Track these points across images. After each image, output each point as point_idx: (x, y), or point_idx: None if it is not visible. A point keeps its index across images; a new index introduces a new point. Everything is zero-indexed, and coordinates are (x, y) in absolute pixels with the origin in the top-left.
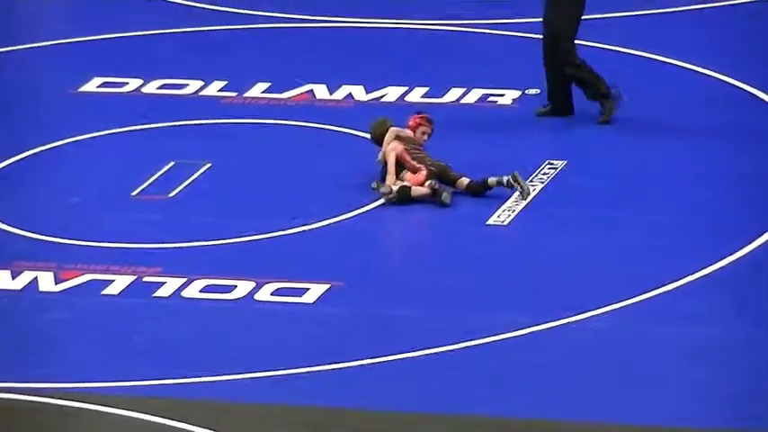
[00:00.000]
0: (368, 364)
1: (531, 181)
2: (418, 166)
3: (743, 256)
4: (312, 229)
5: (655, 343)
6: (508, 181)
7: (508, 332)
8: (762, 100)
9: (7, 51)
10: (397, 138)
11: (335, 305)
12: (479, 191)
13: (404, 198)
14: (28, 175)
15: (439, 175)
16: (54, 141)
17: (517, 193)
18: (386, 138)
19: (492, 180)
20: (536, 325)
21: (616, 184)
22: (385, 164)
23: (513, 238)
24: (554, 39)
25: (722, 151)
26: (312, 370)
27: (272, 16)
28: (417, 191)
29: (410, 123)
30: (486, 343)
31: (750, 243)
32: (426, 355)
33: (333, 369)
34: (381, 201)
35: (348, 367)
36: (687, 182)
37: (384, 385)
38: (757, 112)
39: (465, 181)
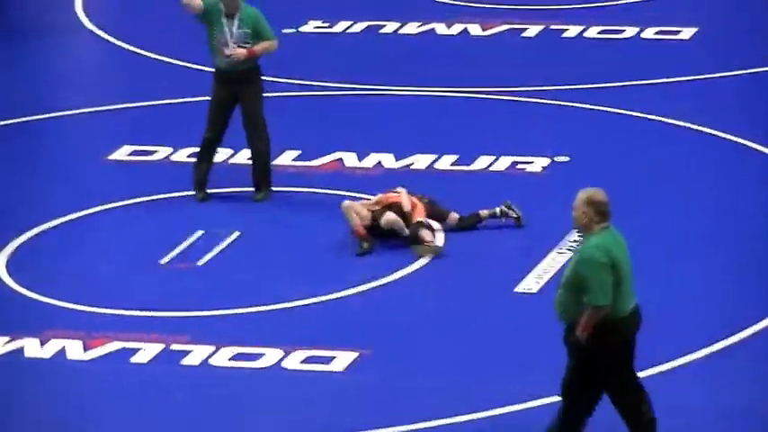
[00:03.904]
0: None
1: (561, 250)
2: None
3: None
4: (340, 297)
5: (690, 408)
6: (501, 210)
7: (538, 400)
8: None
9: (40, 119)
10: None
11: (365, 373)
12: (471, 224)
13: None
14: (58, 243)
15: (431, 212)
16: (84, 209)
17: (513, 220)
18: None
19: (484, 212)
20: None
21: (648, 245)
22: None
23: (543, 306)
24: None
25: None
26: None
27: (300, 84)
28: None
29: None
30: (515, 411)
31: None
32: (456, 423)
33: None
34: (409, 269)
35: None
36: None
37: None
38: None
39: (455, 216)
